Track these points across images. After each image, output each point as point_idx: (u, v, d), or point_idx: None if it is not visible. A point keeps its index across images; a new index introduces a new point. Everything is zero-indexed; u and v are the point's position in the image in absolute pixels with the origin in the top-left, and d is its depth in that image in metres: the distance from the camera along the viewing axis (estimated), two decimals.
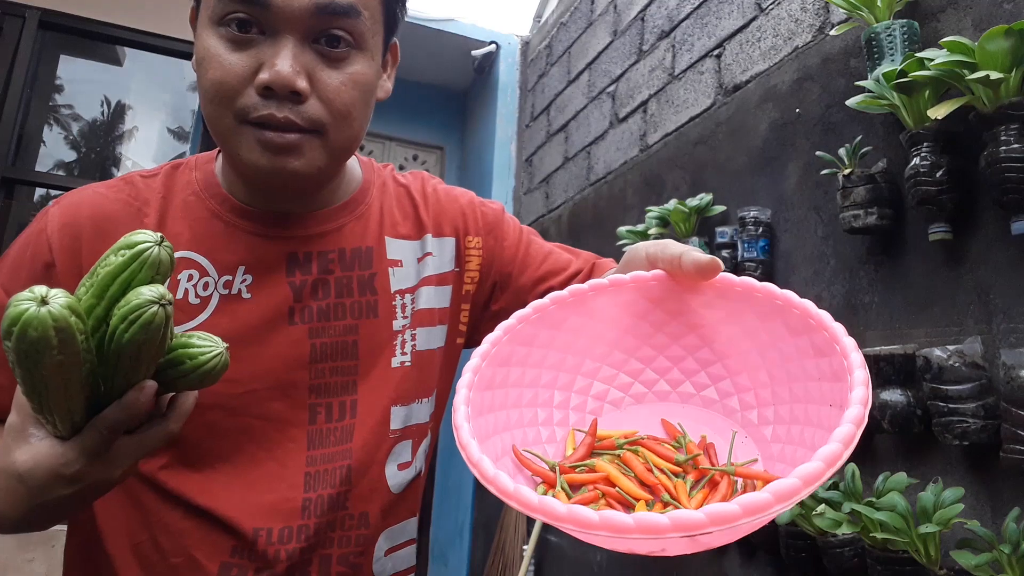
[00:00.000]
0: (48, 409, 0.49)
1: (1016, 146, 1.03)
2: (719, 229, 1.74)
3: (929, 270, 1.23)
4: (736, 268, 1.66)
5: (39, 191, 4.02)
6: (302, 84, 0.63)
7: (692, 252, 0.59)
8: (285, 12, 0.62)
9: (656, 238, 1.93)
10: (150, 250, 0.49)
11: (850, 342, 0.49)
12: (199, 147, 3.48)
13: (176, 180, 0.75)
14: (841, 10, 1.44)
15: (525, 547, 2.67)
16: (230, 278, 0.71)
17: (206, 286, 0.71)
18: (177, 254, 0.70)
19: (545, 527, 2.64)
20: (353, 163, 0.83)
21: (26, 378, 0.46)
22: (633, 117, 2.46)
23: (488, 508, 3.25)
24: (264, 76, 0.62)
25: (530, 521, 2.75)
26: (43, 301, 0.43)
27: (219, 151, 0.76)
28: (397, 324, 0.79)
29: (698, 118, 2.06)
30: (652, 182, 2.22)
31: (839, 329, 0.50)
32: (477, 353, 0.55)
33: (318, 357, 0.73)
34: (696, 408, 0.61)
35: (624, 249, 2.18)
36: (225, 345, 0.53)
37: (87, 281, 0.50)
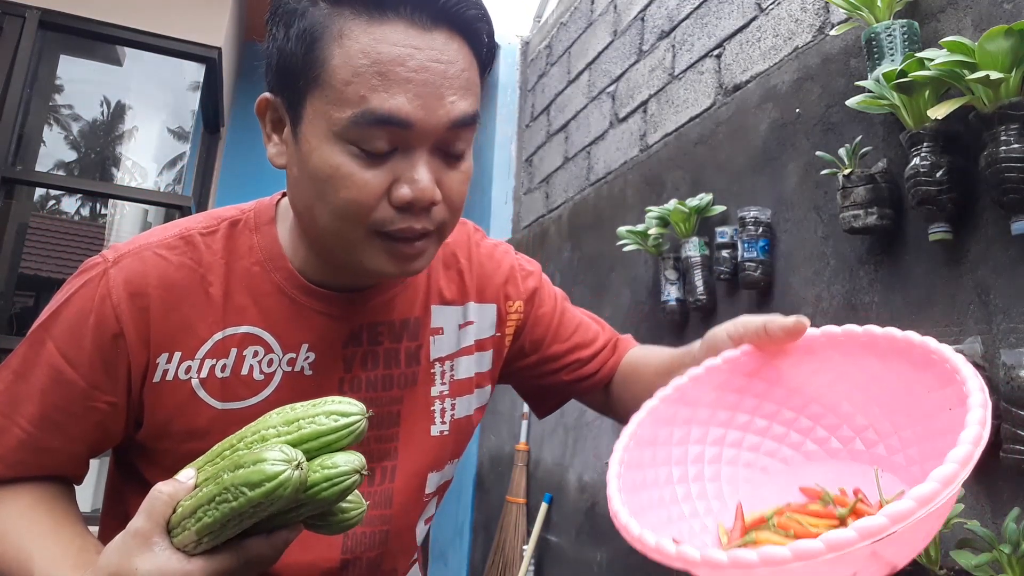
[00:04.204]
0: (210, 534, 0.51)
1: (1016, 146, 1.03)
2: (719, 229, 1.74)
3: (929, 270, 1.23)
4: (736, 268, 1.66)
5: (39, 191, 4.01)
6: (439, 196, 0.63)
7: (774, 319, 0.61)
8: (425, 129, 0.61)
9: (656, 238, 1.94)
10: (360, 424, 0.54)
11: (944, 348, 0.51)
12: (199, 147, 3.48)
13: (237, 242, 0.73)
14: (841, 10, 1.44)
15: (525, 547, 2.67)
16: (294, 356, 0.72)
17: (270, 363, 0.71)
18: (243, 329, 0.70)
19: (545, 527, 2.64)
20: None
21: (229, 515, 0.50)
22: (633, 117, 2.46)
23: (488, 508, 3.25)
24: (406, 193, 0.61)
25: (530, 521, 2.75)
26: (297, 466, 0.49)
27: (277, 206, 0.75)
28: (435, 391, 0.80)
29: (698, 118, 2.06)
30: (652, 182, 2.22)
31: (930, 341, 0.53)
32: (613, 475, 0.57)
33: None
34: (823, 463, 0.63)
35: (624, 250, 2.17)
36: (367, 503, 0.58)
37: (282, 428, 0.53)
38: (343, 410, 0.53)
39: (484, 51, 0.68)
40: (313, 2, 0.61)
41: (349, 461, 0.52)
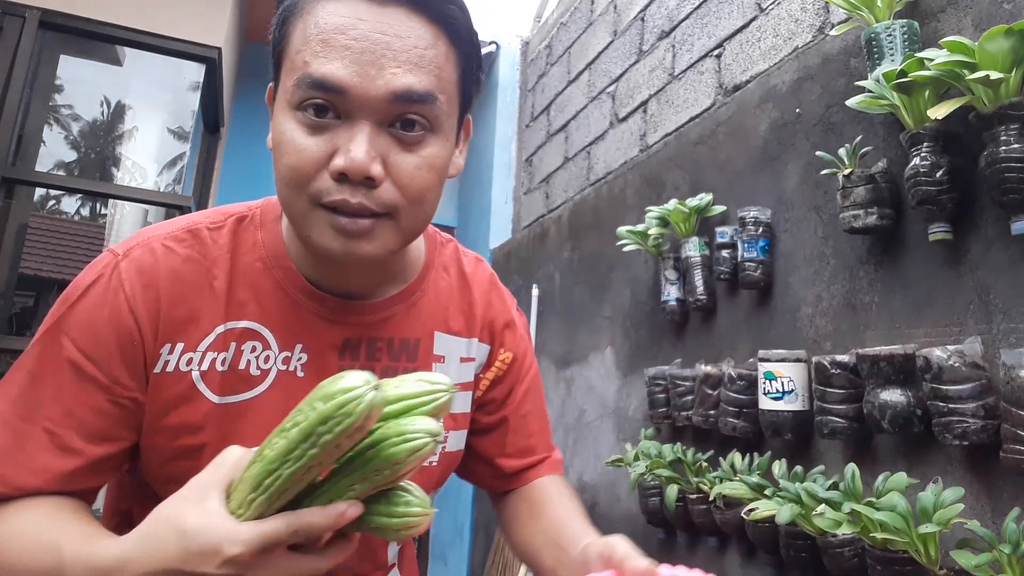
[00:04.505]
0: (266, 484, 0.50)
1: (1016, 146, 1.03)
2: (719, 229, 1.74)
3: (929, 270, 1.23)
4: (736, 268, 1.66)
5: (39, 191, 4.02)
6: (376, 170, 0.62)
7: (633, 559, 0.59)
8: (362, 98, 0.61)
9: (656, 238, 1.93)
10: (443, 394, 0.53)
11: None
12: (199, 147, 3.48)
13: (242, 238, 0.74)
14: (841, 10, 1.44)
15: None
16: (288, 354, 0.73)
17: (267, 359, 0.72)
18: (242, 324, 0.71)
19: None
20: (418, 239, 0.82)
21: (299, 439, 0.48)
22: (633, 117, 2.46)
23: (488, 508, 3.25)
24: (339, 162, 0.61)
25: None
26: (375, 387, 0.48)
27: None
28: None
29: (698, 118, 2.06)
30: (652, 182, 2.22)
31: None
32: None
33: None
34: None
35: (624, 250, 2.17)
36: (435, 510, 0.56)
37: None
38: (431, 378, 0.54)
39: (460, 36, 0.67)
40: None
41: (426, 422, 0.51)
